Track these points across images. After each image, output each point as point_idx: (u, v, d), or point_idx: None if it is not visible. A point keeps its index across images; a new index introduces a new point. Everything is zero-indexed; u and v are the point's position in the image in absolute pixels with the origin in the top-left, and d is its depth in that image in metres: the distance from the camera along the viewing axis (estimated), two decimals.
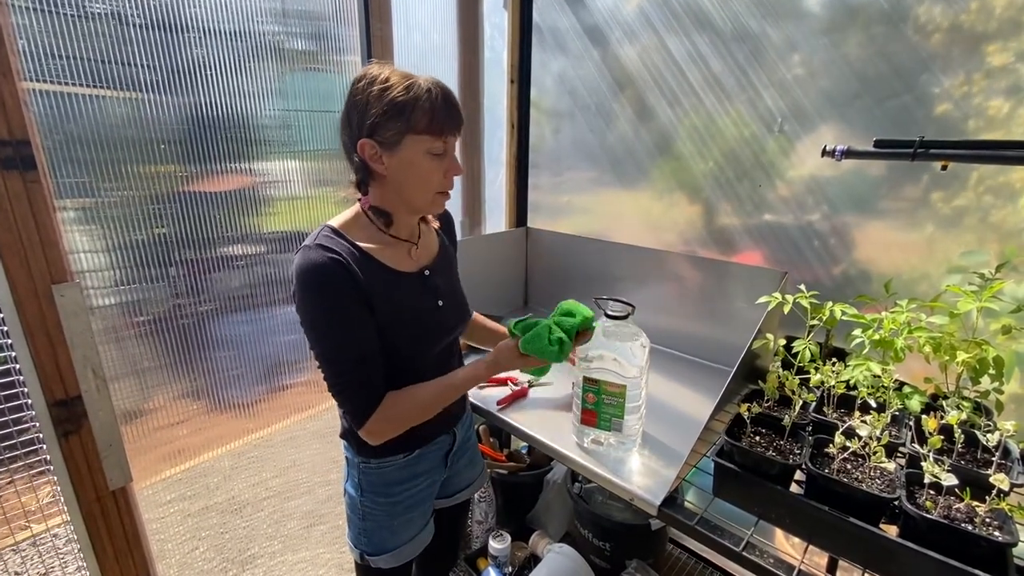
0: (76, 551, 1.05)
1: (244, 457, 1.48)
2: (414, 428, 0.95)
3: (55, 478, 0.98)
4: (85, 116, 1.03)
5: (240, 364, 1.37)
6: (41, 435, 0.95)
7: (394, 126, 0.83)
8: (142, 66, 1.09)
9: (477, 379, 0.98)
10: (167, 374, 1.24)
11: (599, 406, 1.03)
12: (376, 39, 1.32)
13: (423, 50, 1.62)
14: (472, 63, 1.73)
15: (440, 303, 1.00)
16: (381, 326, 0.89)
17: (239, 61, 1.23)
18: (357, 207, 0.94)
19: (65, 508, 1.00)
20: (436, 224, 1.09)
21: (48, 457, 0.96)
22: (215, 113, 1.20)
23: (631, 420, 1.03)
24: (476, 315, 1.25)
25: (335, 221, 0.92)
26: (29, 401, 0.93)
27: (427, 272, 0.99)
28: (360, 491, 1.02)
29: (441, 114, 0.84)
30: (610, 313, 1.03)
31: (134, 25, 1.06)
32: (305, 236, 0.92)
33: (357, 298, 0.85)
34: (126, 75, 1.07)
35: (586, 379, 1.03)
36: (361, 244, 0.89)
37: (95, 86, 1.04)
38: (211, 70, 1.19)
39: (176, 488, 1.38)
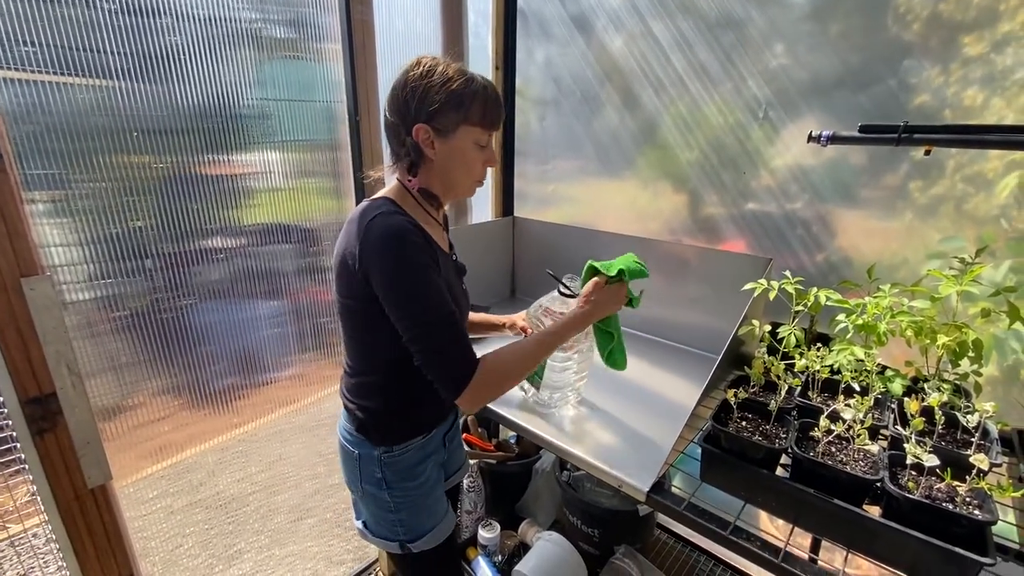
0: (55, 551, 1.03)
1: (229, 452, 1.46)
2: (432, 408, 1.00)
3: (31, 477, 0.95)
4: (54, 105, 0.99)
5: (223, 359, 1.34)
6: (15, 433, 0.92)
7: (452, 115, 0.88)
8: (113, 53, 1.05)
9: (576, 327, 1.00)
10: (148, 369, 1.21)
11: None
12: (357, 24, 1.29)
13: (406, 36, 1.58)
14: (456, 50, 1.71)
15: (464, 286, 1.06)
16: None
17: (215, 48, 1.19)
18: (397, 186, 0.97)
19: (43, 508, 0.97)
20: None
21: (23, 456, 0.93)
22: (191, 102, 1.17)
23: (553, 378, 1.13)
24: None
25: (383, 195, 0.94)
26: (1, 399, 0.90)
27: (455, 256, 1.05)
28: (385, 484, 1.01)
29: (493, 109, 0.92)
30: (562, 291, 1.12)
31: (104, 10, 1.02)
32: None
33: (435, 260, 0.88)
34: (97, 62, 1.03)
35: (522, 331, 1.19)
36: (416, 220, 0.91)
37: (64, 74, 1.00)
38: (186, 57, 1.15)
39: (160, 485, 1.36)
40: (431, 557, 1.07)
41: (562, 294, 1.11)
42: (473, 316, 1.30)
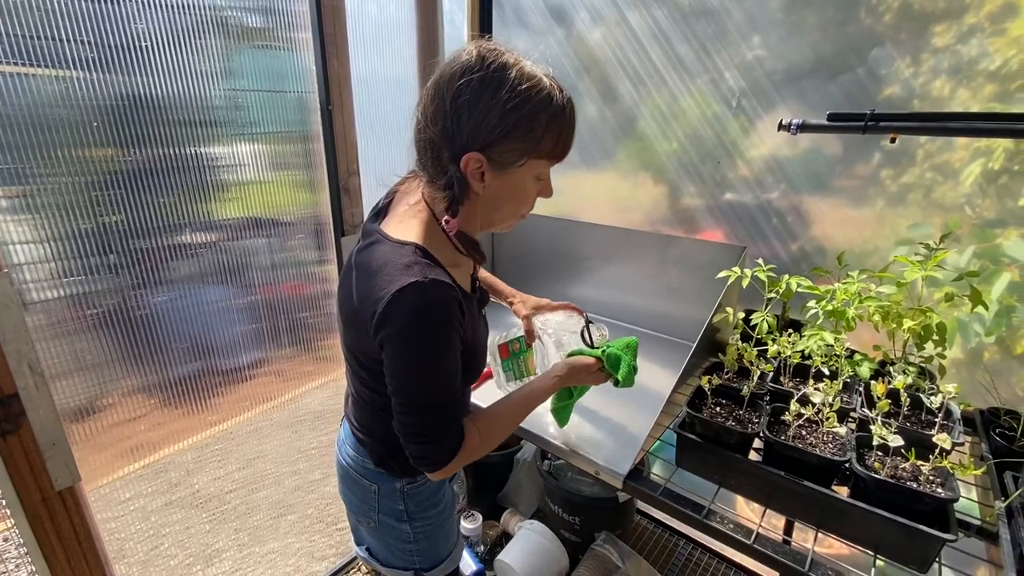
0: (24, 555, 1.00)
1: (207, 450, 1.44)
2: None
3: None
4: (13, 97, 0.95)
5: (198, 356, 1.32)
6: None
7: (517, 146, 0.69)
8: (75, 41, 1.01)
9: (550, 391, 0.92)
10: (120, 368, 1.18)
11: (515, 356, 1.17)
12: (327, 11, 1.26)
13: (379, 22, 1.55)
14: (431, 37, 1.68)
15: (484, 317, 0.94)
16: (465, 357, 0.80)
17: (182, 37, 1.15)
18: (424, 217, 0.77)
19: (9, 512, 0.95)
20: None
21: None
22: (157, 92, 1.13)
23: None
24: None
25: (414, 236, 0.75)
26: None
27: (477, 286, 0.91)
28: (407, 516, 0.94)
29: (568, 138, 0.73)
30: (585, 337, 1.07)
31: None
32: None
33: (462, 337, 0.76)
34: (58, 51, 0.99)
35: (527, 333, 1.16)
36: (447, 267, 0.76)
37: (23, 64, 0.96)
38: (151, 46, 1.11)
39: (135, 485, 1.33)
40: None
41: (585, 341, 1.07)
42: (486, 275, 1.22)
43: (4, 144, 0.95)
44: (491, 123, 0.67)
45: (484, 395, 1.22)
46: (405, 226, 0.77)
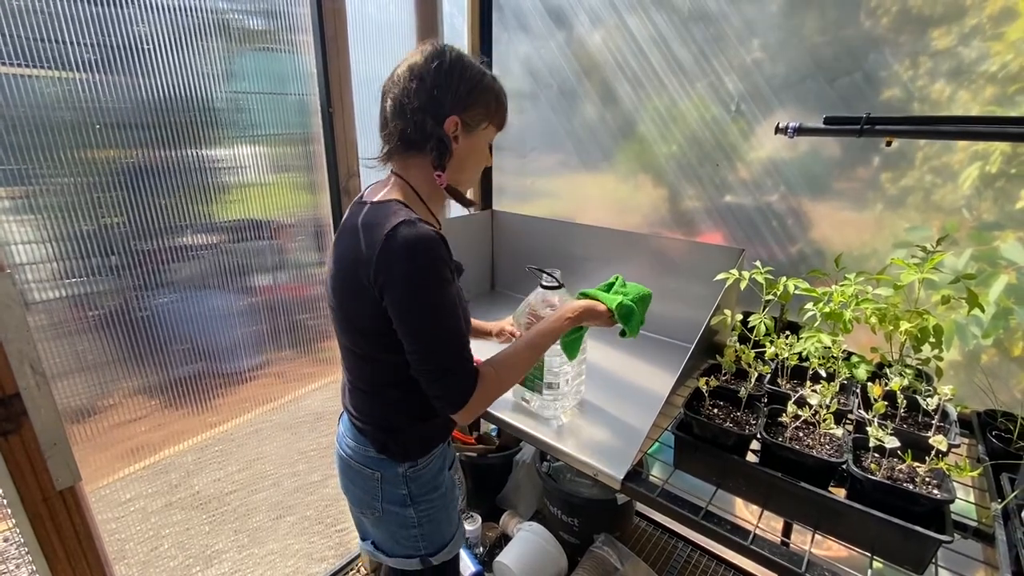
0: (25, 555, 1.01)
1: (207, 452, 1.44)
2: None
3: None
4: (16, 98, 0.96)
5: (198, 358, 1.32)
6: None
7: (482, 111, 0.87)
8: (78, 44, 1.02)
9: (560, 332, 0.98)
10: (121, 369, 1.19)
11: None
12: (328, 13, 1.27)
13: (379, 25, 1.56)
14: (431, 40, 1.69)
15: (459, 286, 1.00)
16: None
17: (184, 39, 1.16)
18: (399, 184, 0.89)
19: (10, 511, 0.95)
20: None
21: None
22: (159, 94, 1.14)
23: (553, 385, 1.09)
24: None
25: (391, 196, 0.87)
26: None
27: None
28: (411, 500, 0.97)
29: (505, 112, 0.92)
30: (544, 284, 1.10)
31: None
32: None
33: (454, 275, 0.85)
34: (61, 53, 1.00)
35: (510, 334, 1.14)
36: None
37: (26, 65, 0.97)
38: (154, 49, 1.12)
39: (136, 486, 1.34)
40: (450, 567, 1.06)
41: (545, 287, 1.09)
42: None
43: (8, 145, 0.96)
44: (463, 91, 0.84)
45: None
46: (384, 194, 0.88)
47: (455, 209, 1.94)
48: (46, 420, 0.95)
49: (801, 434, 0.86)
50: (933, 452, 0.74)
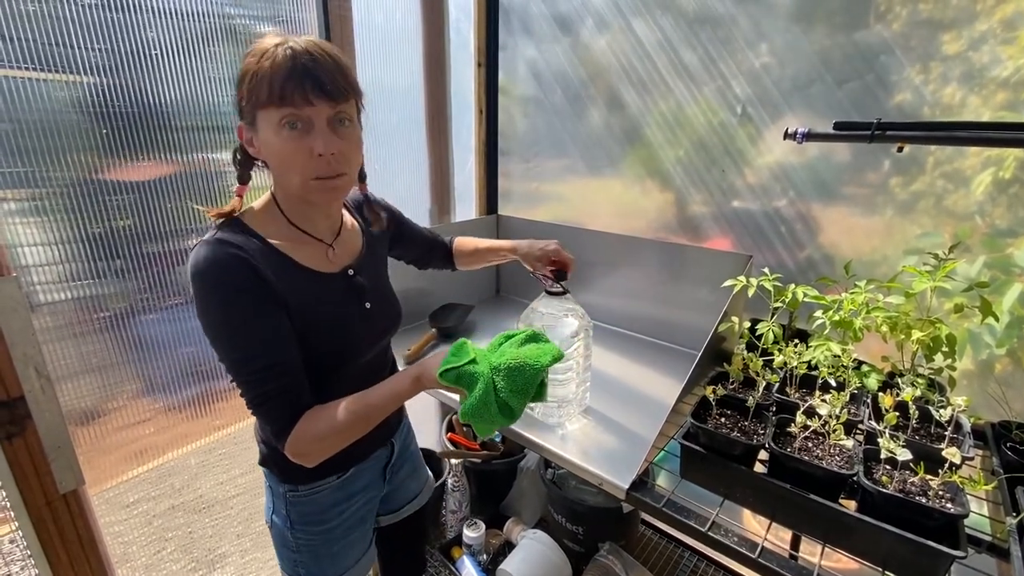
0: (27, 558, 1.01)
1: (212, 455, 1.44)
2: (349, 445, 0.81)
3: (0, 483, 0.93)
4: (27, 102, 0.97)
5: (204, 360, 1.32)
6: None
7: (247, 100, 0.73)
8: (89, 48, 1.03)
9: (400, 397, 0.81)
10: (127, 372, 1.19)
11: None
12: (335, 19, 1.27)
13: (386, 31, 1.57)
14: (437, 45, 1.69)
15: (368, 305, 0.91)
16: (299, 332, 0.79)
17: (194, 44, 1.17)
18: (266, 197, 0.84)
19: (12, 514, 0.95)
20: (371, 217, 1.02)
21: None
22: (168, 99, 1.15)
23: (558, 392, 1.07)
24: (461, 240, 1.25)
25: (244, 213, 0.81)
26: None
27: (351, 271, 0.90)
28: (289, 523, 0.92)
29: (281, 75, 0.69)
30: (549, 290, 1.07)
31: (79, 5, 1.00)
32: None
33: (263, 298, 0.74)
34: (72, 58, 1.01)
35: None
36: (271, 239, 0.79)
37: (38, 69, 0.98)
38: (163, 54, 1.13)
39: (140, 489, 1.34)
40: None
41: (550, 293, 1.08)
42: (465, 242, 1.27)
43: (16, 148, 0.97)
44: (239, 90, 0.75)
45: None
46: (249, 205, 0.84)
47: (460, 214, 1.94)
48: (50, 423, 0.95)
49: (810, 445, 0.85)
50: (946, 465, 0.73)
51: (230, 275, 0.72)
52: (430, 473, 1.26)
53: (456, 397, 0.89)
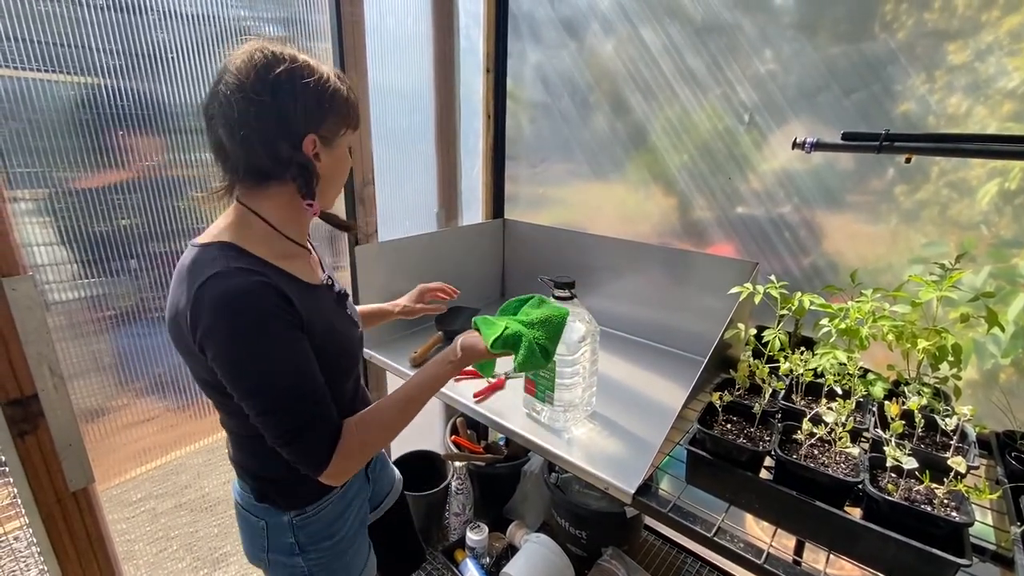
0: (36, 554, 1.01)
1: (217, 454, 1.45)
2: None
3: (11, 480, 0.94)
4: (39, 102, 0.98)
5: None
6: None
7: (337, 119, 0.77)
8: (100, 50, 1.04)
9: (442, 380, 0.87)
10: (134, 370, 1.20)
11: (537, 377, 1.10)
12: (347, 24, 1.29)
13: (397, 36, 1.58)
14: (447, 51, 1.71)
15: (348, 312, 0.93)
16: (316, 351, 0.77)
17: (204, 46, 1.18)
18: (236, 216, 0.78)
19: (23, 511, 0.96)
20: None
21: (3, 459, 0.92)
22: (179, 100, 1.16)
23: (564, 396, 1.07)
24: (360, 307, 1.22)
25: (224, 237, 0.75)
26: None
27: (330, 281, 0.90)
28: (299, 550, 0.89)
29: (356, 106, 0.81)
30: (556, 295, 1.08)
31: (91, 6, 1.02)
32: None
33: (295, 324, 0.73)
34: (83, 59, 1.02)
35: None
36: (270, 260, 0.76)
37: (50, 71, 0.99)
38: (174, 55, 1.14)
39: (145, 487, 1.35)
40: None
41: (557, 298, 1.08)
42: (363, 309, 1.23)
43: (30, 148, 0.98)
44: (313, 104, 0.73)
45: (498, 408, 1.22)
46: (213, 231, 0.77)
47: (466, 218, 1.94)
48: (62, 421, 0.96)
49: (816, 452, 0.85)
50: (952, 473, 0.73)
51: (261, 304, 0.69)
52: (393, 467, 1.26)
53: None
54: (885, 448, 0.77)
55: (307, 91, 0.72)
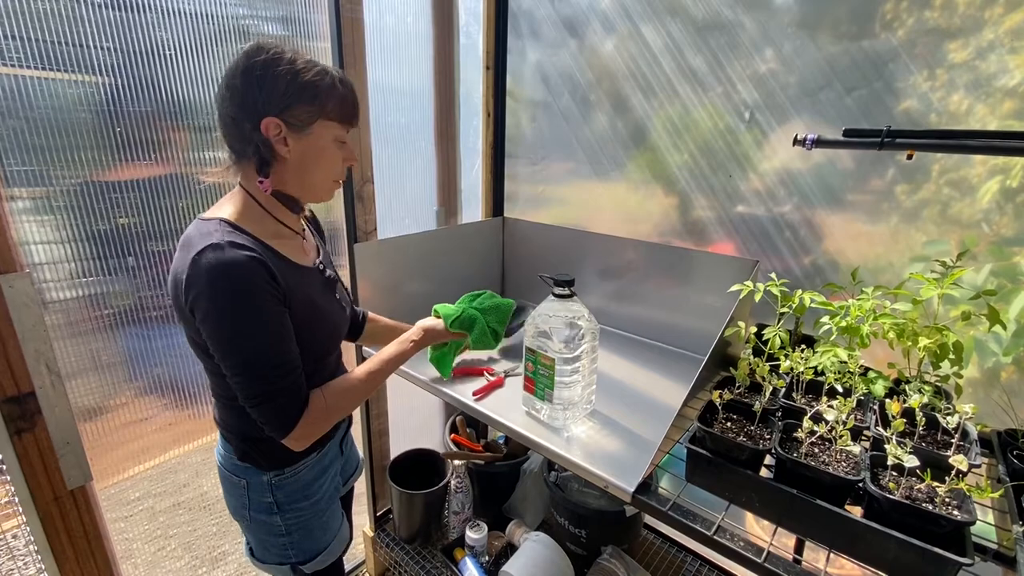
0: (34, 553, 1.01)
1: (215, 452, 1.45)
2: None
3: (9, 478, 0.94)
4: (37, 100, 0.98)
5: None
6: None
7: (306, 108, 0.81)
8: (99, 48, 1.04)
9: (405, 356, 1.02)
10: (132, 369, 1.20)
11: (536, 375, 1.10)
12: (347, 22, 1.28)
13: (397, 33, 1.58)
14: (447, 49, 1.70)
15: (337, 296, 1.00)
16: (296, 326, 0.84)
17: (203, 45, 1.18)
18: (238, 195, 0.86)
19: (21, 509, 0.96)
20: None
21: (0, 457, 0.92)
22: (178, 98, 1.16)
23: (564, 394, 1.07)
24: (374, 315, 1.26)
25: (223, 213, 0.83)
26: None
27: (321, 266, 0.96)
28: (276, 508, 0.96)
29: (351, 103, 0.86)
30: (556, 293, 1.08)
31: (89, 4, 1.01)
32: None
33: (278, 298, 0.80)
34: (82, 57, 1.02)
35: (527, 348, 1.10)
36: (261, 238, 0.83)
37: (48, 69, 0.98)
38: (173, 54, 1.14)
39: (143, 486, 1.35)
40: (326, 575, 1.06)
41: (556, 295, 1.09)
42: (389, 322, 1.27)
43: (28, 146, 0.98)
44: (280, 89, 0.78)
45: (497, 407, 1.21)
46: (216, 208, 0.86)
47: (466, 216, 1.94)
48: (60, 419, 0.96)
49: (817, 450, 0.85)
50: (953, 472, 0.73)
51: (249, 276, 0.76)
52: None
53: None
54: (886, 446, 0.77)
55: (276, 77, 0.78)
